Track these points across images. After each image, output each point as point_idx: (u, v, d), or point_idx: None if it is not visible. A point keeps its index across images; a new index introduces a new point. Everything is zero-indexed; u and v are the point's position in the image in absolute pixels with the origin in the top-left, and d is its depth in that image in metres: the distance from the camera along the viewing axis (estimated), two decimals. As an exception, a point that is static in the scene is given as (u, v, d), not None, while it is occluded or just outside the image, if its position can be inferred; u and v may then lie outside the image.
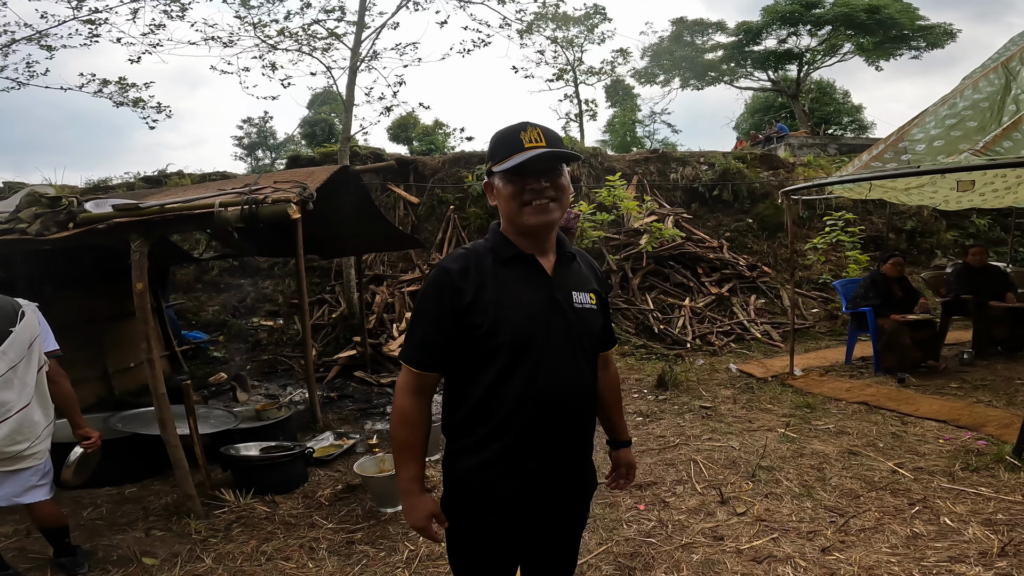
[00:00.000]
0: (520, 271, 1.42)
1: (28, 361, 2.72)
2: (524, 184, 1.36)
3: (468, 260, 1.41)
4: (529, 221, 1.38)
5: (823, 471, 3.71)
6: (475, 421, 1.41)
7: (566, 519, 1.56)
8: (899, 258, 6.33)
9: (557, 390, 1.40)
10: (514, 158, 1.34)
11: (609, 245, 9.15)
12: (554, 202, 1.38)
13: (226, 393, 6.12)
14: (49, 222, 3.65)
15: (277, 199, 3.51)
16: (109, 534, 3.34)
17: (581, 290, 1.49)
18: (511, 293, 1.38)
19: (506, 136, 1.39)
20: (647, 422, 4.97)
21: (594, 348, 1.53)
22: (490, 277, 1.39)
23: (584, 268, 1.57)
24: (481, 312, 1.35)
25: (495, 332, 1.35)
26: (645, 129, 30.65)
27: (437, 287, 1.38)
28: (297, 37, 9.21)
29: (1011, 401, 4.81)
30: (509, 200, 1.38)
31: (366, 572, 2.85)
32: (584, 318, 1.47)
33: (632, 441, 1.51)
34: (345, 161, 7.95)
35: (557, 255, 1.49)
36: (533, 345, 1.37)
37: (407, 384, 1.44)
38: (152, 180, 10.69)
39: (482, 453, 1.40)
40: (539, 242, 1.44)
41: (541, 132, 1.38)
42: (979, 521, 2.96)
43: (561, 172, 1.40)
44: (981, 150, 4.24)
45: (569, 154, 1.39)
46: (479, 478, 1.41)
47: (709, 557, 2.80)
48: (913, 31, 22.59)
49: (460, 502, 1.45)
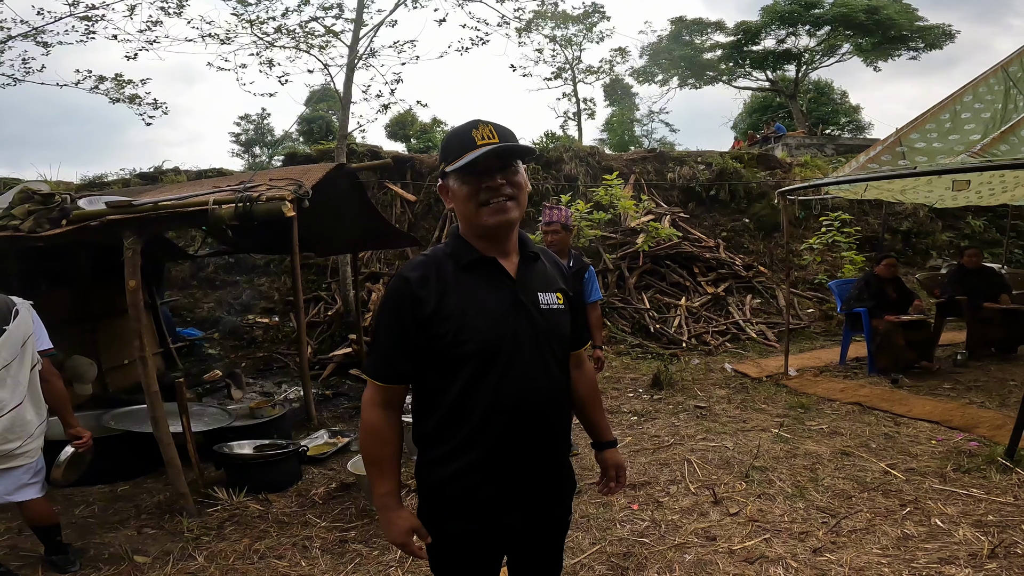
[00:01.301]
0: (482, 275, 1.38)
1: (21, 360, 2.71)
2: (480, 183, 1.32)
3: (428, 268, 1.37)
4: (488, 221, 1.33)
5: (816, 472, 3.72)
6: (446, 430, 1.37)
7: (547, 524, 1.53)
8: (892, 259, 6.35)
9: (528, 395, 1.37)
10: (466, 156, 1.30)
11: (606, 244, 9.15)
12: (512, 200, 1.34)
13: (220, 391, 6.11)
14: (42, 219, 3.64)
15: (272, 197, 3.49)
16: (101, 532, 3.34)
17: (547, 290, 1.45)
18: (474, 300, 1.34)
19: (457, 135, 1.35)
20: (642, 421, 4.98)
21: (564, 349, 1.49)
22: (452, 284, 1.35)
23: (549, 267, 1.52)
24: (444, 321, 1.32)
25: (460, 341, 1.31)
26: (643, 128, 30.69)
27: (397, 298, 1.35)
28: (294, 34, 9.18)
29: (1004, 402, 4.83)
30: (465, 201, 1.34)
31: (359, 571, 2.85)
32: (552, 319, 1.43)
33: (617, 441, 1.47)
34: (342, 158, 7.94)
35: (520, 255, 1.44)
36: (500, 351, 1.34)
37: (373, 398, 1.41)
38: (148, 177, 10.65)
39: (456, 462, 1.37)
40: (500, 243, 1.40)
41: (493, 129, 1.33)
42: (970, 523, 2.97)
43: (517, 169, 1.36)
44: (978, 152, 4.26)
45: (524, 148, 1.35)
46: (454, 487, 1.38)
47: (702, 557, 2.81)
48: (912, 32, 22.61)
49: (436, 512, 1.43)
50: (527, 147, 1.36)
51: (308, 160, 10.13)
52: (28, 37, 8.90)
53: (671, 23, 25.53)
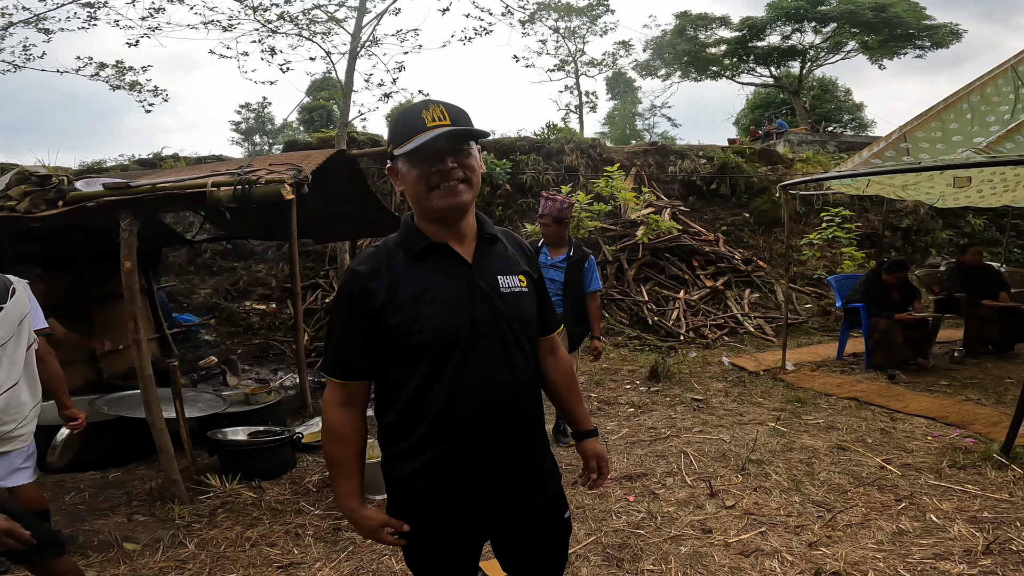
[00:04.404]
0: (434, 262, 1.33)
1: (17, 339, 2.69)
2: (430, 167, 1.27)
3: (378, 259, 1.33)
4: (438, 205, 1.29)
5: (812, 466, 3.71)
6: (408, 424, 1.34)
7: (530, 520, 1.45)
8: (904, 272, 6.09)
9: (489, 384, 1.31)
10: (416, 139, 1.24)
11: (606, 236, 9.12)
12: (464, 183, 1.29)
13: (216, 377, 6.09)
14: (38, 200, 3.60)
15: (271, 180, 3.46)
16: (91, 519, 3.31)
17: (508, 273, 1.39)
18: (426, 289, 1.30)
19: (407, 116, 1.29)
20: (639, 413, 4.97)
21: (529, 335, 1.42)
22: (403, 274, 1.31)
23: (511, 249, 1.46)
24: (395, 313, 1.28)
25: (412, 332, 1.27)
26: (645, 122, 30.61)
27: (347, 293, 1.32)
28: (297, 21, 9.10)
29: (1000, 400, 4.83)
30: (415, 185, 1.29)
31: (352, 559, 2.84)
32: (513, 303, 1.37)
33: (598, 429, 1.38)
34: (343, 146, 7.89)
35: (477, 238, 1.39)
36: (457, 341, 1.29)
37: (332, 397, 1.37)
38: (147, 163, 10.61)
39: (419, 457, 1.33)
40: (452, 228, 1.34)
41: (445, 110, 1.28)
42: (965, 519, 2.96)
43: (470, 151, 1.31)
44: (983, 149, 4.23)
45: (475, 131, 1.30)
46: (419, 483, 1.34)
47: (697, 550, 2.80)
48: (919, 30, 22.48)
49: (406, 509, 1.38)
50: (478, 130, 1.31)
51: (308, 148, 10.07)
52: (30, 24, 8.83)
53: (676, 17, 25.40)
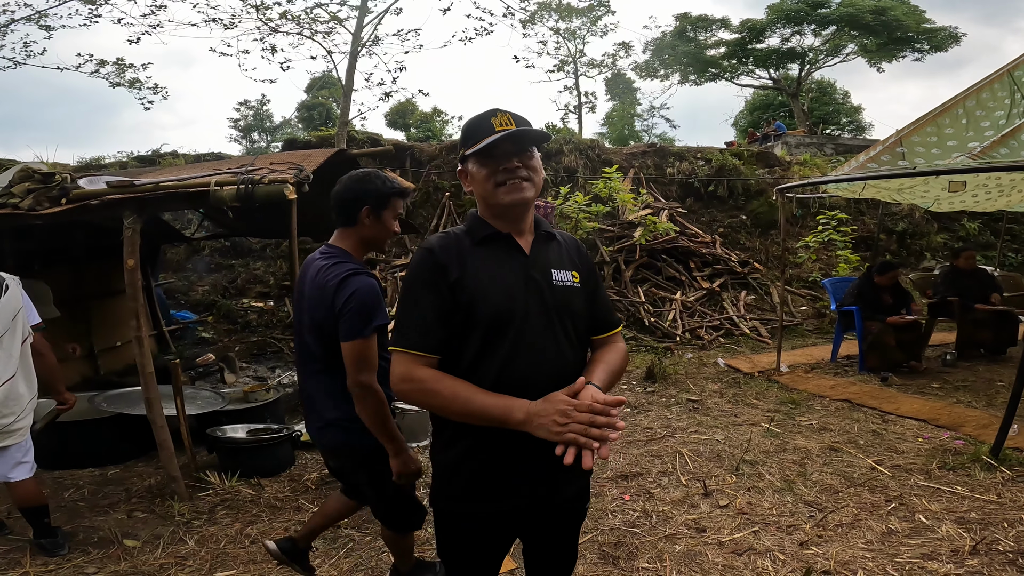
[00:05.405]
0: (496, 250, 1.43)
1: (12, 333, 2.76)
2: (497, 165, 1.38)
3: (448, 240, 1.43)
4: (504, 200, 1.39)
5: (804, 466, 3.76)
6: None
7: (561, 508, 1.52)
8: (894, 273, 6.21)
9: (537, 369, 1.37)
10: (485, 140, 1.37)
11: (603, 237, 9.16)
12: (527, 181, 1.40)
13: (214, 374, 6.11)
14: (42, 197, 3.62)
15: (274, 180, 3.49)
16: (90, 516, 3.33)
17: (562, 268, 1.49)
18: (488, 271, 1.40)
19: (477, 122, 1.42)
20: (635, 413, 5.01)
21: (578, 327, 1.48)
22: (468, 257, 1.40)
23: (566, 247, 1.56)
24: (464, 289, 1.36)
25: (474, 310, 1.35)
26: (644, 123, 30.64)
27: (426, 267, 1.39)
28: (299, 20, 9.11)
29: (990, 403, 4.88)
30: (483, 182, 1.41)
31: (351, 556, 2.88)
32: (564, 295, 1.45)
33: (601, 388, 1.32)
34: (342, 145, 7.92)
35: (535, 235, 1.50)
36: (511, 323, 1.36)
37: (405, 373, 1.34)
38: (146, 160, 10.60)
39: (465, 439, 1.39)
40: (515, 222, 1.45)
41: (511, 117, 1.41)
42: (953, 519, 3.01)
43: (533, 153, 1.43)
44: (978, 154, 4.28)
45: (540, 134, 1.42)
46: (467, 465, 1.41)
47: (691, 548, 2.84)
48: (918, 34, 22.52)
49: (449, 490, 1.45)
50: (542, 132, 1.43)
51: (307, 146, 10.08)
52: (31, 20, 8.82)
53: (676, 19, 25.41)
